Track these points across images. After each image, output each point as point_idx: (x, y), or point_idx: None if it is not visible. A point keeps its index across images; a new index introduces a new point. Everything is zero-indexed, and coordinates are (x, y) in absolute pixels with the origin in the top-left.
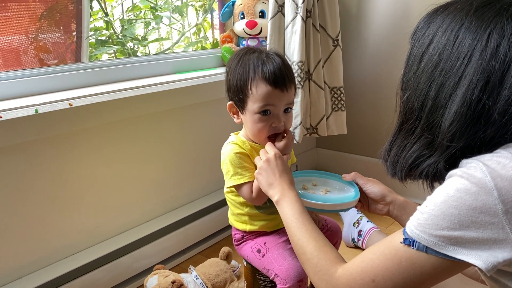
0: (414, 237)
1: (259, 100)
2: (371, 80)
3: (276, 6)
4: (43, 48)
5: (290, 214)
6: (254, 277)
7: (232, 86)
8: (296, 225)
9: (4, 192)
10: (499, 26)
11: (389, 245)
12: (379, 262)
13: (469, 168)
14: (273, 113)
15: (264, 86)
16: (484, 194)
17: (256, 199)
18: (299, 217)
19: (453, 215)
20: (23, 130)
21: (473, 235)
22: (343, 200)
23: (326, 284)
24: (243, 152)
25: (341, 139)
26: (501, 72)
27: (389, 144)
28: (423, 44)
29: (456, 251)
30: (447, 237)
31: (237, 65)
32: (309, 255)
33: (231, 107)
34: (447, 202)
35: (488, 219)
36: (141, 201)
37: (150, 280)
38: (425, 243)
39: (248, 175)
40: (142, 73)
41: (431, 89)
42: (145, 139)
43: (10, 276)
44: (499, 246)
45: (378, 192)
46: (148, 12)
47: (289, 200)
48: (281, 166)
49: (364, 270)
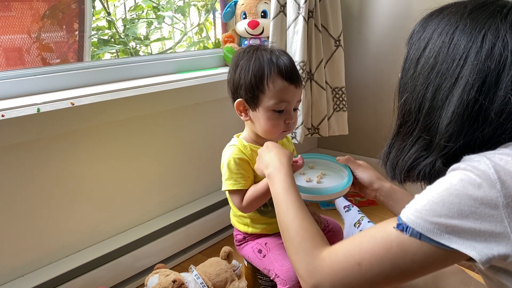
0: (409, 222)
1: (275, 97)
2: (372, 80)
3: (278, 6)
4: (46, 47)
5: (280, 189)
6: (255, 277)
7: (244, 83)
8: (284, 202)
9: (5, 190)
10: (493, 28)
11: (381, 230)
12: (368, 245)
13: (472, 161)
14: (286, 110)
15: (281, 81)
16: (487, 186)
17: (246, 208)
18: (288, 194)
19: (453, 203)
20: (25, 129)
21: (471, 225)
22: (335, 190)
23: (307, 265)
24: (242, 158)
25: (342, 140)
26: (496, 73)
27: (388, 147)
28: (419, 48)
29: (451, 240)
30: (443, 224)
31: (250, 61)
32: (293, 233)
33: (239, 105)
34: (448, 190)
35: (488, 211)
36: (142, 200)
37: (151, 279)
38: (419, 229)
39: (242, 183)
40: (144, 73)
41: (428, 91)
42: (146, 139)
43: (11, 275)
44: (496, 239)
45: (366, 179)
46: (150, 12)
47: (281, 175)
48: (271, 146)
49: (351, 253)
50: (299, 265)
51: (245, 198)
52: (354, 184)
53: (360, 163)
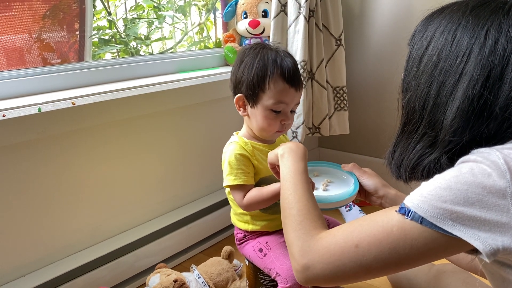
0: (412, 207)
1: (274, 97)
2: (373, 79)
3: (279, 6)
4: (47, 47)
5: (292, 169)
6: (256, 276)
7: (247, 79)
8: (293, 182)
9: (7, 190)
10: (496, 23)
11: (382, 213)
12: (368, 227)
13: (483, 153)
14: (283, 111)
15: (282, 83)
16: (496, 175)
17: (246, 206)
18: (298, 175)
19: (460, 190)
20: (26, 128)
21: (476, 213)
22: (341, 198)
23: (302, 244)
24: (244, 154)
25: (343, 139)
26: (500, 67)
27: (393, 147)
28: (421, 46)
29: (454, 227)
30: (448, 210)
31: (255, 59)
32: (295, 211)
33: (239, 99)
34: (457, 178)
35: (495, 200)
36: (143, 200)
37: (152, 278)
38: (422, 213)
39: (242, 179)
40: (145, 73)
41: (432, 88)
42: (147, 138)
43: (12, 275)
44: (500, 230)
45: (371, 186)
46: (151, 12)
47: (296, 157)
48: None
49: (349, 234)
50: (295, 243)
51: (248, 197)
52: (360, 191)
53: (366, 170)
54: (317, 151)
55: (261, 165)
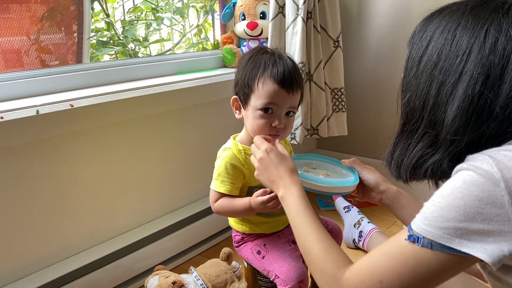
0: (420, 232)
1: (263, 97)
2: (371, 81)
3: (277, 7)
4: (45, 49)
5: (295, 212)
6: (255, 278)
7: (239, 80)
8: (302, 224)
9: (4, 193)
10: (495, 23)
11: (395, 244)
12: (385, 262)
13: (475, 161)
14: (275, 113)
15: (271, 83)
16: (490, 185)
17: (215, 210)
18: (305, 216)
19: (459, 206)
20: (24, 131)
21: (479, 226)
22: (343, 184)
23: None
24: (235, 165)
25: (341, 140)
26: (500, 67)
27: (392, 147)
28: (421, 46)
29: (462, 244)
30: (452, 228)
31: (249, 61)
32: (314, 257)
33: (234, 101)
34: (453, 194)
35: (494, 210)
36: (142, 202)
37: (150, 280)
38: (430, 237)
39: (227, 188)
40: (143, 74)
41: (432, 88)
42: (145, 140)
43: (11, 277)
44: (505, 238)
45: (373, 180)
46: (149, 13)
47: (293, 197)
48: (276, 159)
49: (372, 272)
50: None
51: (219, 204)
52: (358, 189)
53: (366, 166)
54: (316, 153)
55: (252, 174)
